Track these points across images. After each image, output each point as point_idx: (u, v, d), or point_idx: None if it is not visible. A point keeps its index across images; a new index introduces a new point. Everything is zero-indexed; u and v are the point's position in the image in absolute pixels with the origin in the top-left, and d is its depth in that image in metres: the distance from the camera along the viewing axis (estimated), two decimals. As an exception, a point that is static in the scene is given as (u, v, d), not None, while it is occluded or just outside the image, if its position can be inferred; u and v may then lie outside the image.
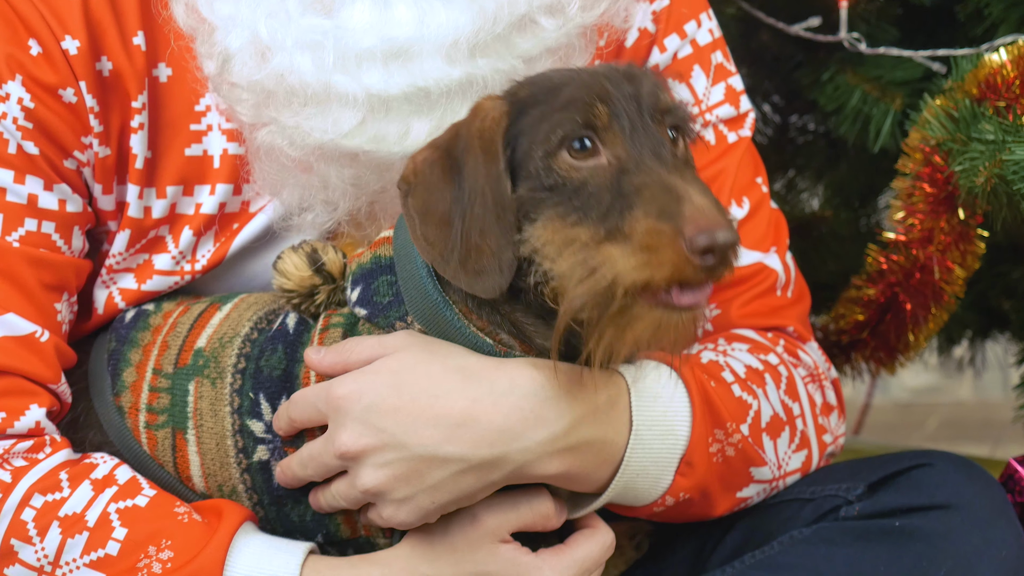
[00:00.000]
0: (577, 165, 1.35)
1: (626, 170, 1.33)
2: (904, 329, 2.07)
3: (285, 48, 1.52)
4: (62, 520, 1.47)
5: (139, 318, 1.65)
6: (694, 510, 1.57)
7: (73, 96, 1.55)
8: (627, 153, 1.34)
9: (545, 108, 1.37)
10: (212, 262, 1.66)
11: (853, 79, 2.18)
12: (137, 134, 1.60)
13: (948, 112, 1.86)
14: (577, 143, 1.35)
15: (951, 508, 1.50)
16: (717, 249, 1.26)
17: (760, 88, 2.56)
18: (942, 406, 4.10)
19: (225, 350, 1.57)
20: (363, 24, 1.51)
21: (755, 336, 1.69)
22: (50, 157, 1.56)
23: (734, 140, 1.77)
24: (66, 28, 1.54)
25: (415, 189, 1.42)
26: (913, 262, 1.99)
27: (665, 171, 1.31)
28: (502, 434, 1.40)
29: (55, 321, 1.57)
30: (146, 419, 1.58)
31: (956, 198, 1.89)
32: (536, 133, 1.37)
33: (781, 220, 1.81)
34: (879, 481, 1.57)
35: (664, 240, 1.27)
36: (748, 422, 1.56)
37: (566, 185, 1.35)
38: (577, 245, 1.32)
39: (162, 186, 1.62)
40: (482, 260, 1.37)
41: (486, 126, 1.39)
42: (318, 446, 1.47)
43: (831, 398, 1.72)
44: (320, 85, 1.52)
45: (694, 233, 1.25)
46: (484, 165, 1.38)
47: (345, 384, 1.44)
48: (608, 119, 1.35)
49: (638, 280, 1.28)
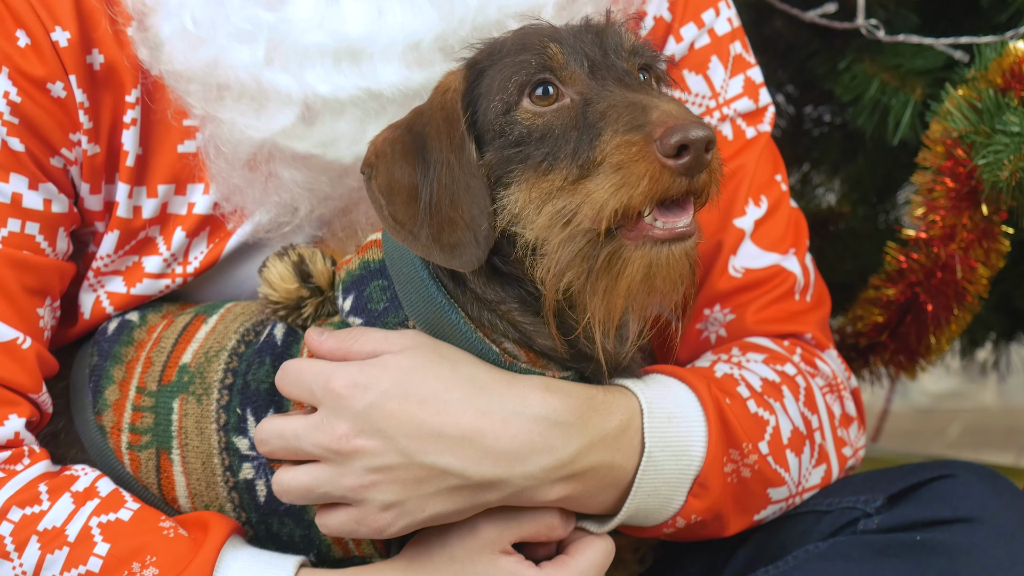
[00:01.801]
0: (540, 110, 1.35)
1: (590, 101, 1.32)
2: (925, 331, 2.06)
3: (216, 39, 1.51)
4: (41, 535, 1.46)
5: (122, 331, 1.64)
6: (706, 532, 1.57)
7: (62, 90, 1.55)
8: (589, 87, 1.33)
9: (501, 67, 1.37)
10: (204, 264, 1.65)
11: (871, 68, 2.18)
12: (129, 130, 1.59)
13: (971, 103, 1.86)
14: (539, 89, 1.35)
15: (975, 522, 1.49)
16: (691, 144, 1.25)
17: (773, 78, 2.55)
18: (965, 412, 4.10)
19: (211, 365, 1.56)
20: (308, 18, 1.50)
21: (771, 345, 1.69)
22: (36, 154, 1.55)
23: (753, 135, 1.77)
24: (56, 19, 1.53)
25: (377, 169, 1.42)
26: (934, 261, 1.98)
27: (630, 91, 1.31)
28: (506, 455, 1.40)
29: (37, 327, 1.57)
30: (129, 440, 1.58)
31: (979, 193, 1.88)
32: (493, 88, 1.37)
33: (801, 220, 1.81)
34: (899, 493, 1.56)
35: (635, 150, 1.26)
36: (766, 439, 1.56)
37: (532, 134, 1.34)
38: (553, 194, 1.32)
39: (153, 184, 1.61)
40: (456, 232, 1.37)
41: (447, 99, 1.39)
42: (299, 426, 1.44)
43: (850, 409, 1.72)
44: (252, 80, 1.51)
45: (664, 133, 1.25)
46: (447, 134, 1.38)
47: (349, 374, 1.42)
48: (564, 58, 1.35)
49: (617, 206, 1.28)
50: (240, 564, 1.46)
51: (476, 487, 1.41)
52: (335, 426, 1.41)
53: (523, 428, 1.40)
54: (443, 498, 1.41)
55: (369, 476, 1.40)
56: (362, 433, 1.40)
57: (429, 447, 1.39)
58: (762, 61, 1.85)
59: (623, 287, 1.33)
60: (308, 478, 1.43)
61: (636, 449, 1.48)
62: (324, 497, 1.44)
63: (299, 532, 1.53)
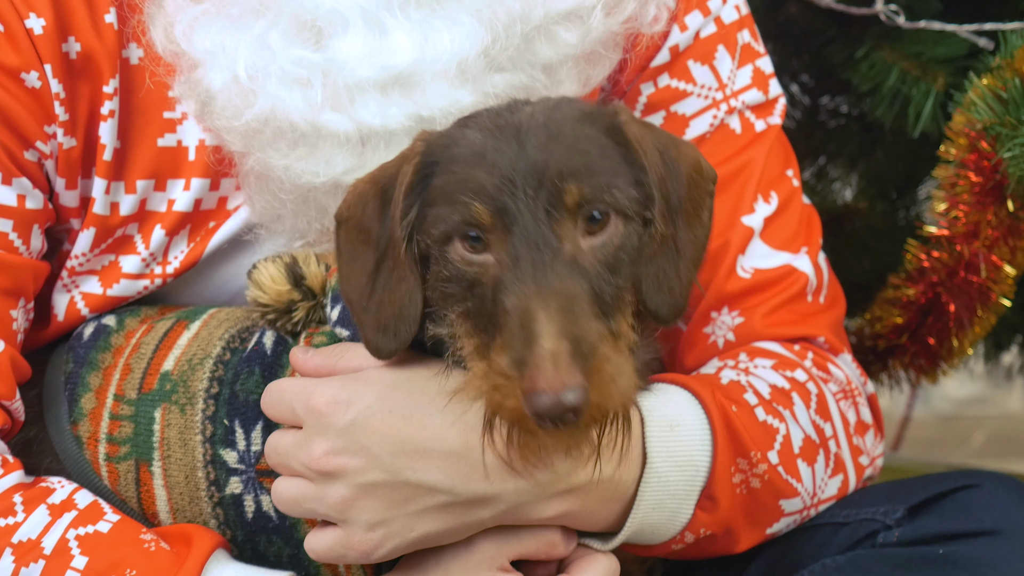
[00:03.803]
0: (469, 259, 1.36)
1: (503, 281, 1.33)
2: (947, 334, 2.06)
3: (268, 88, 1.51)
4: (16, 547, 1.46)
5: (99, 336, 1.64)
6: (716, 547, 1.57)
7: (37, 80, 1.54)
8: (509, 260, 1.33)
9: (447, 183, 1.37)
10: (185, 264, 1.65)
11: (891, 56, 2.18)
12: (107, 122, 1.58)
13: (996, 93, 1.86)
14: (472, 237, 1.36)
15: (1000, 534, 1.49)
16: (551, 416, 1.26)
17: (788, 66, 2.56)
18: (989, 419, 4.10)
19: (195, 373, 1.56)
20: (357, 55, 1.50)
21: (780, 350, 1.69)
22: (9, 148, 1.54)
23: (762, 129, 1.76)
24: (31, 5, 1.53)
25: (346, 223, 1.43)
26: (957, 259, 1.98)
27: (537, 294, 1.30)
28: (498, 470, 1.40)
29: (10, 330, 1.56)
30: (106, 451, 1.57)
31: (1005, 188, 1.89)
32: (434, 216, 1.38)
33: (814, 217, 1.80)
34: (920, 504, 1.56)
35: (505, 387, 1.29)
36: (776, 448, 1.56)
37: (461, 279, 1.36)
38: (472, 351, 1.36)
39: (131, 180, 1.61)
40: (383, 317, 1.40)
41: (405, 172, 1.40)
42: (288, 443, 1.45)
43: (866, 416, 1.71)
44: (309, 125, 1.51)
45: (530, 391, 1.26)
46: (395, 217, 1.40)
47: (330, 389, 1.43)
48: (491, 218, 1.34)
49: (491, 409, 1.32)
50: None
51: (466, 504, 1.41)
52: (316, 445, 1.42)
53: None
54: (432, 517, 1.41)
55: (352, 493, 1.41)
56: (344, 451, 1.41)
57: (415, 463, 1.40)
58: (776, 49, 1.85)
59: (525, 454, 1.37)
60: (296, 491, 1.44)
61: (637, 459, 1.48)
62: (311, 512, 1.45)
63: (287, 551, 1.53)
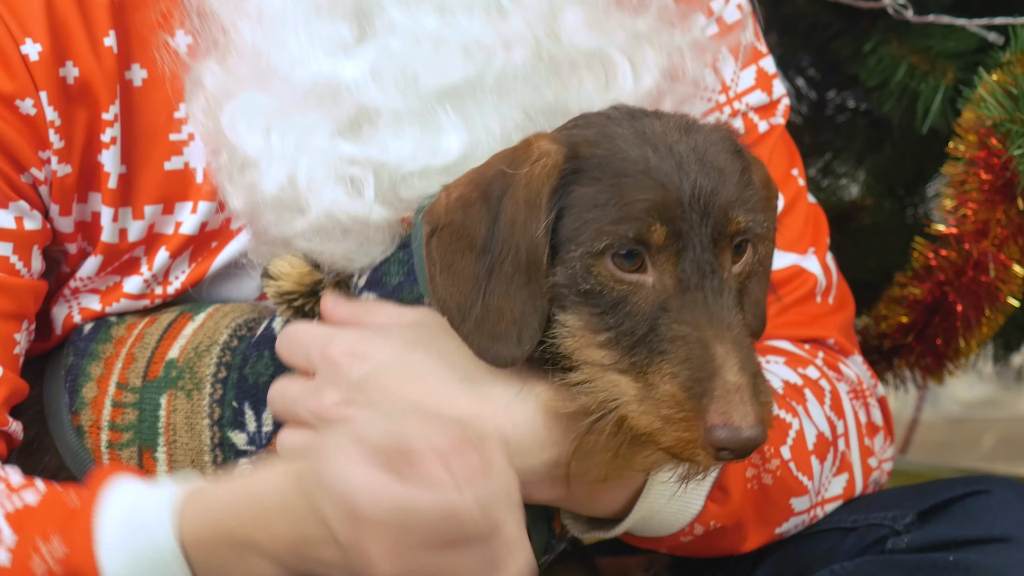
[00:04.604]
0: (620, 276, 1.33)
1: (668, 307, 1.32)
2: (954, 333, 2.06)
3: (325, 192, 1.50)
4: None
5: (100, 329, 1.64)
6: (724, 543, 1.57)
7: (32, 108, 1.53)
8: (676, 284, 1.32)
9: (601, 192, 1.34)
10: (186, 284, 1.64)
11: (899, 50, 2.18)
12: (109, 150, 1.57)
13: (1006, 88, 1.86)
14: (626, 255, 1.33)
15: (1012, 541, 1.49)
16: (736, 449, 1.27)
17: (793, 60, 2.56)
18: (999, 422, 4.10)
19: (202, 359, 1.56)
20: (408, 152, 1.50)
21: (791, 348, 1.69)
22: (5, 172, 1.53)
23: (765, 129, 1.77)
24: (27, 31, 1.52)
25: (442, 231, 1.39)
26: (965, 258, 1.98)
27: (710, 323, 1.30)
28: (504, 445, 1.37)
29: (12, 355, 1.55)
30: (109, 438, 1.58)
31: (1015, 186, 1.89)
32: (583, 225, 1.34)
33: (821, 216, 1.80)
34: (930, 510, 1.56)
35: (682, 417, 1.28)
36: (788, 444, 1.56)
37: (603, 295, 1.33)
38: (598, 366, 1.33)
39: (139, 206, 1.60)
40: (500, 325, 1.36)
41: (535, 174, 1.36)
42: (298, 390, 1.44)
43: (876, 418, 1.71)
44: (358, 224, 1.50)
45: (716, 423, 1.26)
46: (524, 221, 1.36)
47: (348, 341, 1.42)
48: (664, 240, 1.33)
49: (641, 429, 1.30)
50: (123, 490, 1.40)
51: None
52: (327, 394, 1.41)
53: (525, 417, 1.39)
54: None
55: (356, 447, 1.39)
56: (354, 404, 1.40)
57: None
58: (782, 43, 1.85)
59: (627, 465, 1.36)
60: (300, 442, 1.43)
61: None
62: None
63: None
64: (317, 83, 1.50)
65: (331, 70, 1.49)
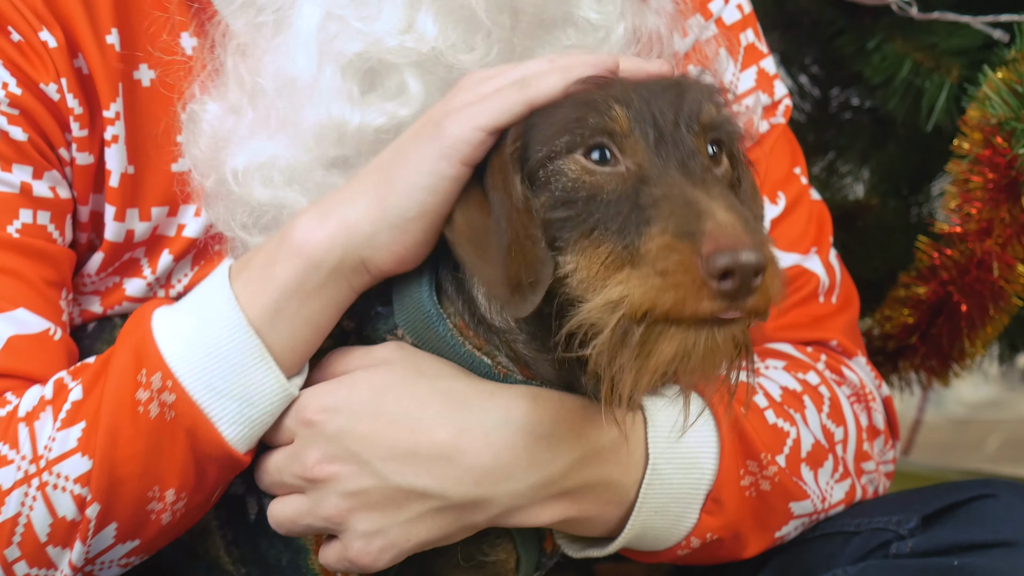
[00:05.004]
0: (592, 168, 1.32)
1: (646, 179, 1.30)
2: (959, 334, 2.07)
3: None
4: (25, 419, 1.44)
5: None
6: (723, 551, 1.56)
7: (56, 93, 1.54)
8: (649, 161, 1.31)
9: (558, 111, 1.35)
10: (190, 288, 1.63)
11: (903, 48, 2.18)
12: (111, 148, 1.58)
13: (1011, 86, 1.86)
14: (595, 152, 1.32)
15: (1017, 546, 1.48)
16: (738, 270, 1.22)
17: (796, 58, 2.56)
18: (1004, 423, 4.10)
19: None
20: None
21: (793, 351, 1.68)
22: (39, 144, 1.54)
23: (766, 128, 1.76)
24: (43, 20, 1.53)
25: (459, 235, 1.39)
26: (969, 257, 1.98)
27: (690, 184, 1.29)
28: (489, 473, 1.39)
29: (63, 321, 1.56)
30: None
31: (1020, 185, 1.89)
32: (544, 137, 1.34)
33: (824, 215, 1.80)
34: (935, 513, 1.55)
35: (678, 259, 1.24)
36: (785, 452, 1.55)
37: (579, 191, 1.32)
38: (604, 274, 1.29)
39: (146, 207, 1.61)
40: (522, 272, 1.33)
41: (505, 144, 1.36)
42: (280, 458, 1.46)
43: (878, 420, 1.71)
44: None
45: (712, 251, 1.22)
46: (503, 186, 1.35)
47: (318, 397, 1.44)
48: (628, 124, 1.32)
49: (649, 307, 1.25)
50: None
51: (459, 508, 1.41)
52: (308, 454, 1.42)
53: (507, 443, 1.40)
54: (427, 523, 1.41)
55: (346, 502, 1.41)
56: (335, 458, 1.41)
57: (404, 468, 1.40)
58: (785, 40, 1.85)
59: (652, 366, 1.29)
60: (292, 510, 1.45)
61: (639, 461, 1.47)
62: (309, 529, 1.46)
63: (287, 557, 1.53)
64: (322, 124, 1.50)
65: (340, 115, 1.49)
